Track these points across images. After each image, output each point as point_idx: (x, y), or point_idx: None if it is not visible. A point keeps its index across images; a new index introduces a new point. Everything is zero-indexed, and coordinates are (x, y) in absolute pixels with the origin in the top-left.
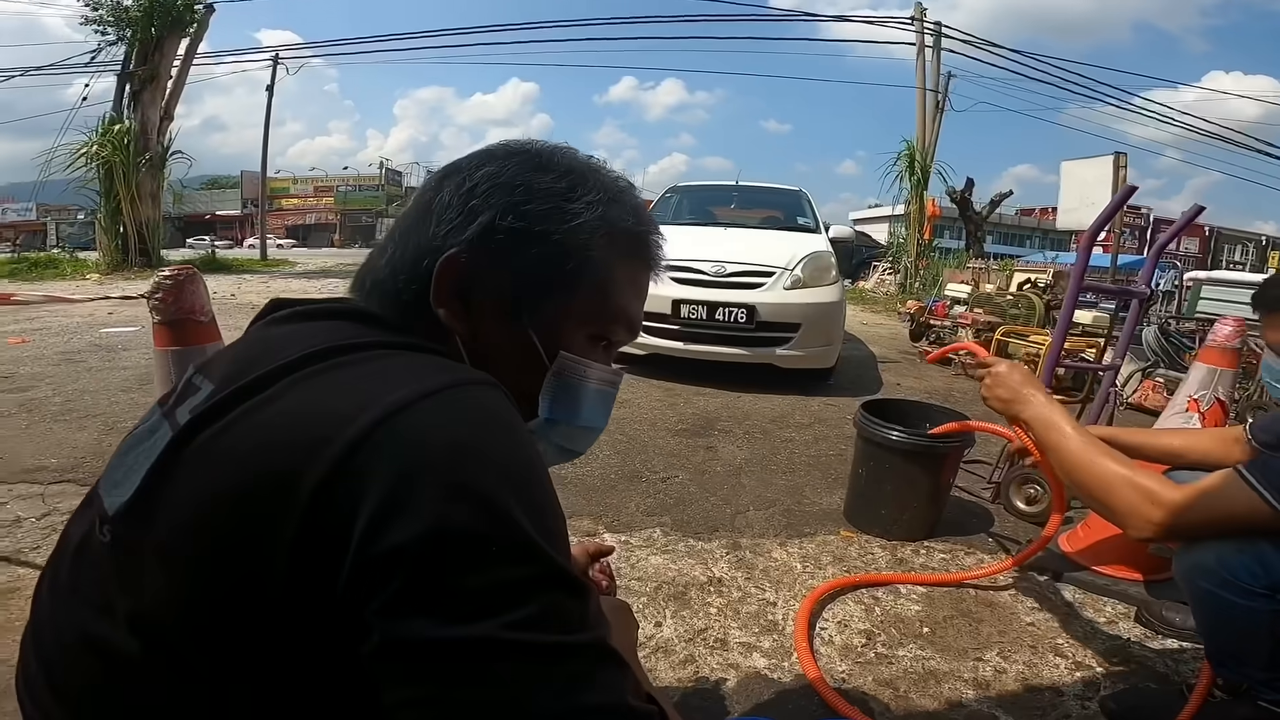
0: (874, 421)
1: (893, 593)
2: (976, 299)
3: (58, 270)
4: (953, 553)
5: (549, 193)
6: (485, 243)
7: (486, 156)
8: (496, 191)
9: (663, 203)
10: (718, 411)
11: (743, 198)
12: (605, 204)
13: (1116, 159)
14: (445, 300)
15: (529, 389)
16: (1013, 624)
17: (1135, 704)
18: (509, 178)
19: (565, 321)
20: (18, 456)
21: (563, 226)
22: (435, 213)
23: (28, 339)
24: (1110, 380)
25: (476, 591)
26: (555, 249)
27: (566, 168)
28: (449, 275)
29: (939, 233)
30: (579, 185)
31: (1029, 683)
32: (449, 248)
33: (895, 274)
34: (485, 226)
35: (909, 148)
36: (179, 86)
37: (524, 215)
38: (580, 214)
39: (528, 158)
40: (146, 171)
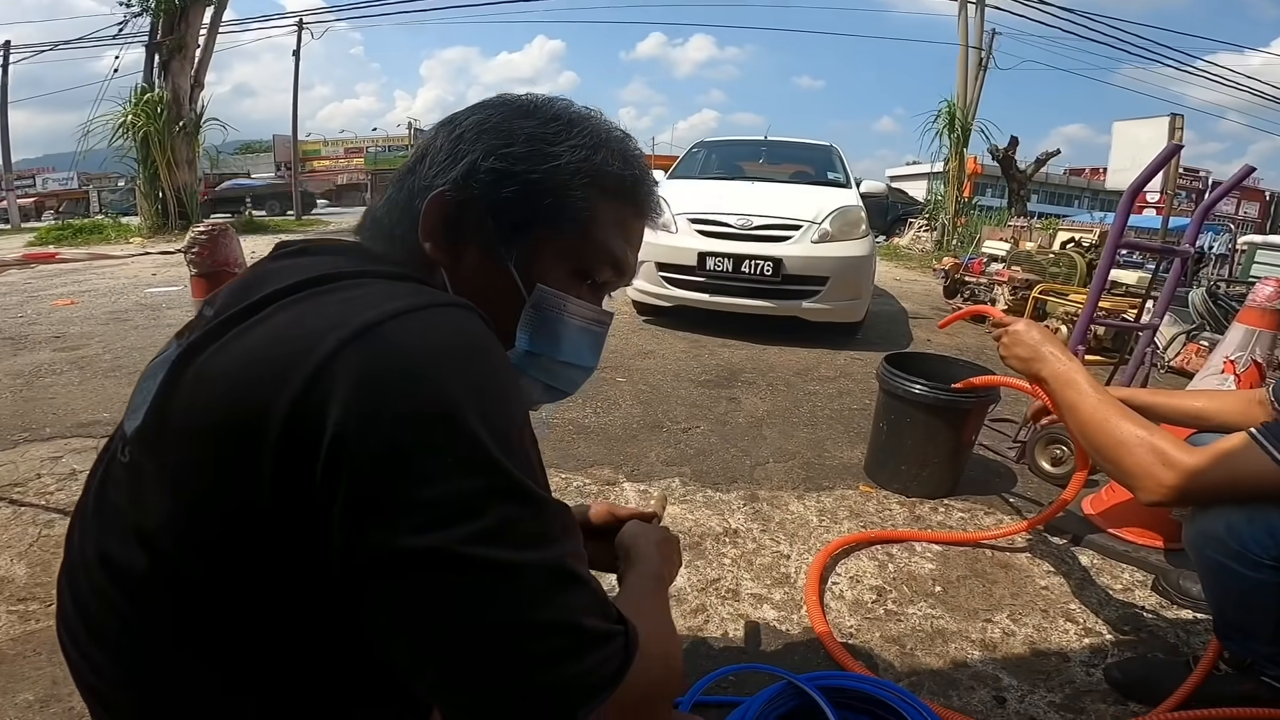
0: (896, 375)
1: (907, 550)
2: (1015, 256)
3: (102, 235)
4: (972, 512)
5: (531, 136)
6: (469, 182)
7: (479, 106)
8: (482, 136)
9: (689, 158)
10: (742, 363)
11: (771, 153)
12: (590, 149)
13: (1173, 120)
14: (431, 234)
15: (510, 322)
16: (1026, 587)
17: (1140, 674)
18: (494, 124)
19: (545, 257)
20: (72, 411)
21: (542, 167)
22: (429, 157)
23: (76, 300)
24: (1147, 340)
25: (430, 503)
26: (534, 188)
27: (553, 115)
28: (434, 212)
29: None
30: (563, 131)
31: (1036, 647)
32: (436, 187)
33: (932, 231)
34: (469, 167)
35: (949, 105)
36: (207, 54)
37: (505, 157)
38: (561, 156)
39: (516, 107)
40: (181, 138)
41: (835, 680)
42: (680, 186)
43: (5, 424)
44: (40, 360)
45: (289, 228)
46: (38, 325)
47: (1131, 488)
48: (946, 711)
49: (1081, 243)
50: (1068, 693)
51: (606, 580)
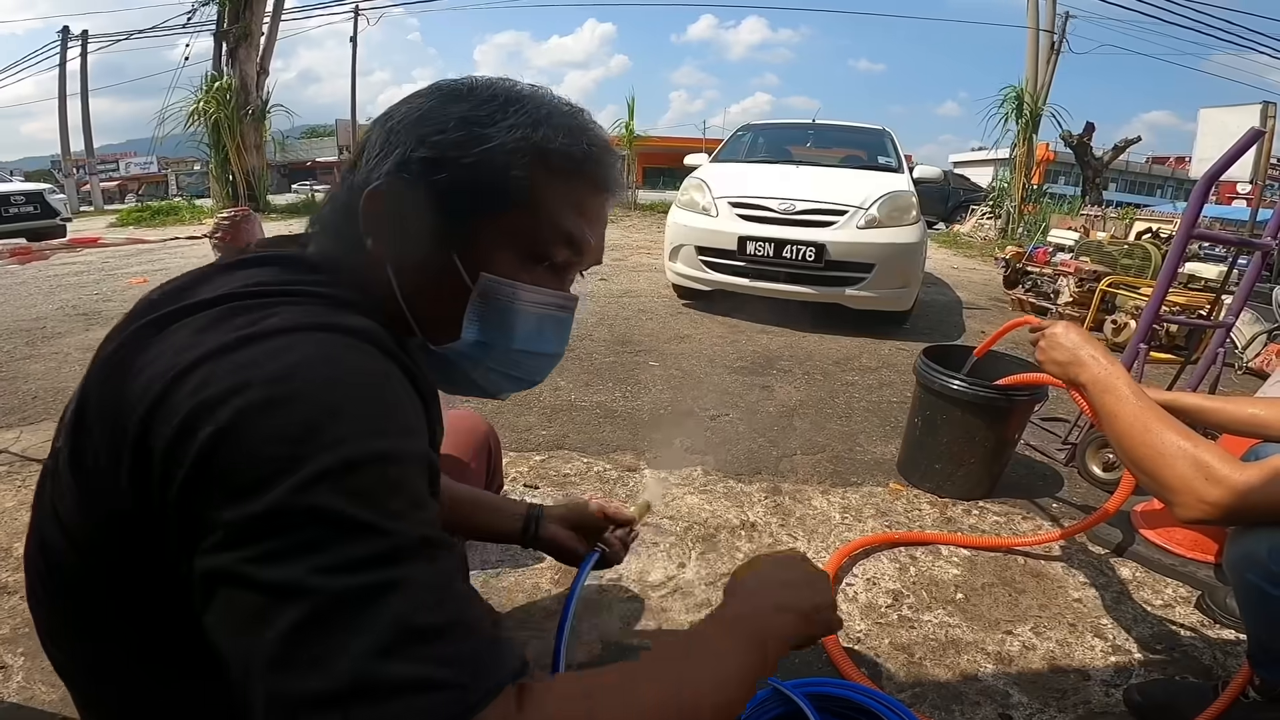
0: (934, 368)
1: (932, 553)
2: (1083, 246)
3: (178, 216)
4: (1009, 516)
5: (463, 120)
6: (401, 174)
7: (413, 95)
8: (411, 126)
9: (734, 141)
10: (780, 351)
11: (820, 136)
12: (529, 126)
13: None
14: (371, 230)
15: (450, 310)
16: (1057, 598)
17: (1162, 697)
18: (425, 111)
19: (490, 243)
20: None
21: (474, 150)
22: (366, 153)
23: (148, 279)
24: (1220, 339)
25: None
26: (467, 173)
27: (487, 96)
28: (370, 207)
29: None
30: (498, 111)
31: (1056, 663)
32: (372, 182)
33: (995, 218)
34: (401, 158)
35: (1016, 90)
36: (271, 42)
37: (434, 145)
38: (495, 136)
39: (449, 92)
40: (248, 124)
41: (825, 688)
42: (722, 170)
43: (70, 394)
44: None
45: None
46: (111, 302)
47: (1169, 503)
48: None
49: (1159, 234)
50: (1080, 714)
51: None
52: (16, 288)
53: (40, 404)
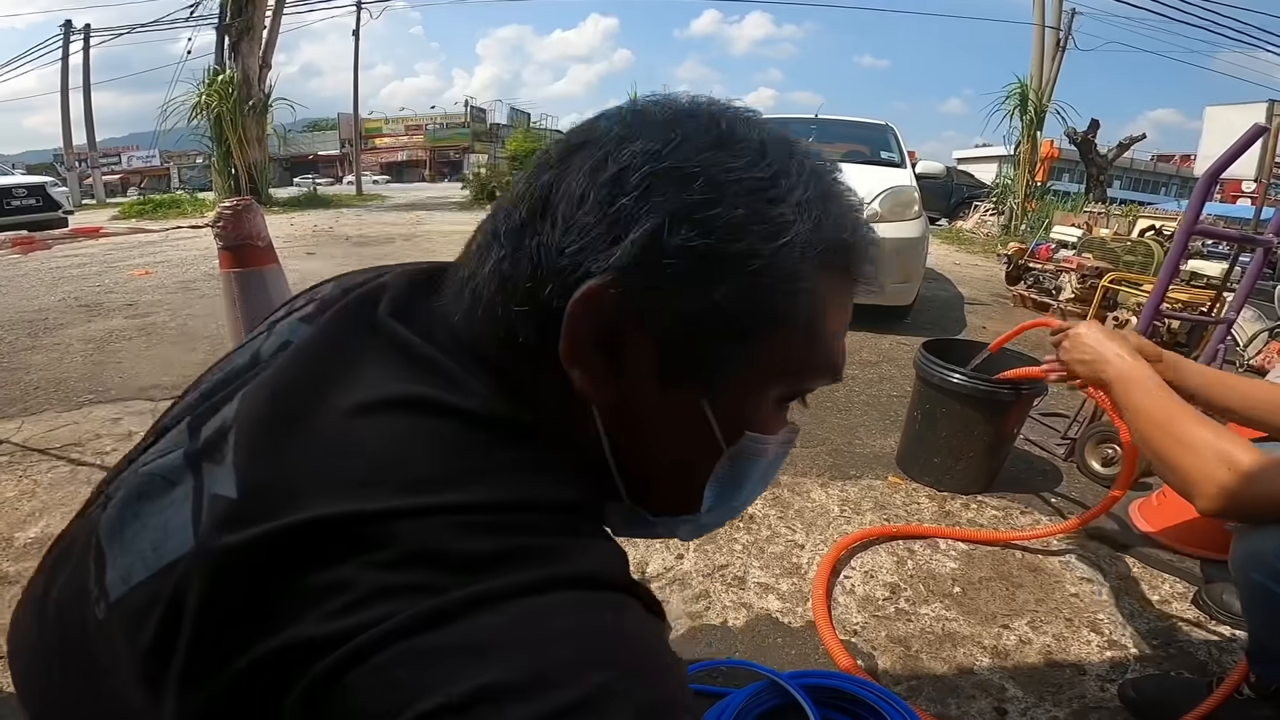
0: (933, 361)
1: (930, 547)
2: (1086, 243)
3: (180, 209)
4: (1007, 510)
5: (744, 187)
6: (646, 269)
7: (638, 121)
8: (661, 183)
9: None
10: None
11: (822, 131)
12: (819, 203)
13: (1270, 106)
14: (579, 356)
15: (686, 476)
16: (1054, 593)
17: (1156, 693)
18: (679, 159)
19: (755, 384)
20: (135, 376)
21: (770, 245)
22: (561, 208)
23: (150, 271)
24: (1221, 336)
25: None
26: (757, 281)
27: (758, 143)
28: (587, 320)
29: (1057, 175)
30: (782, 174)
31: (1052, 657)
32: (586, 274)
33: (999, 215)
34: (646, 243)
35: (1021, 86)
36: (273, 36)
37: (709, 227)
38: (790, 223)
39: (700, 125)
40: (250, 117)
41: (821, 679)
42: None
43: (74, 386)
44: (112, 326)
45: (350, 202)
46: (113, 294)
47: (1189, 495)
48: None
49: (1162, 231)
50: (1075, 708)
51: None
52: (19, 279)
53: (42, 394)
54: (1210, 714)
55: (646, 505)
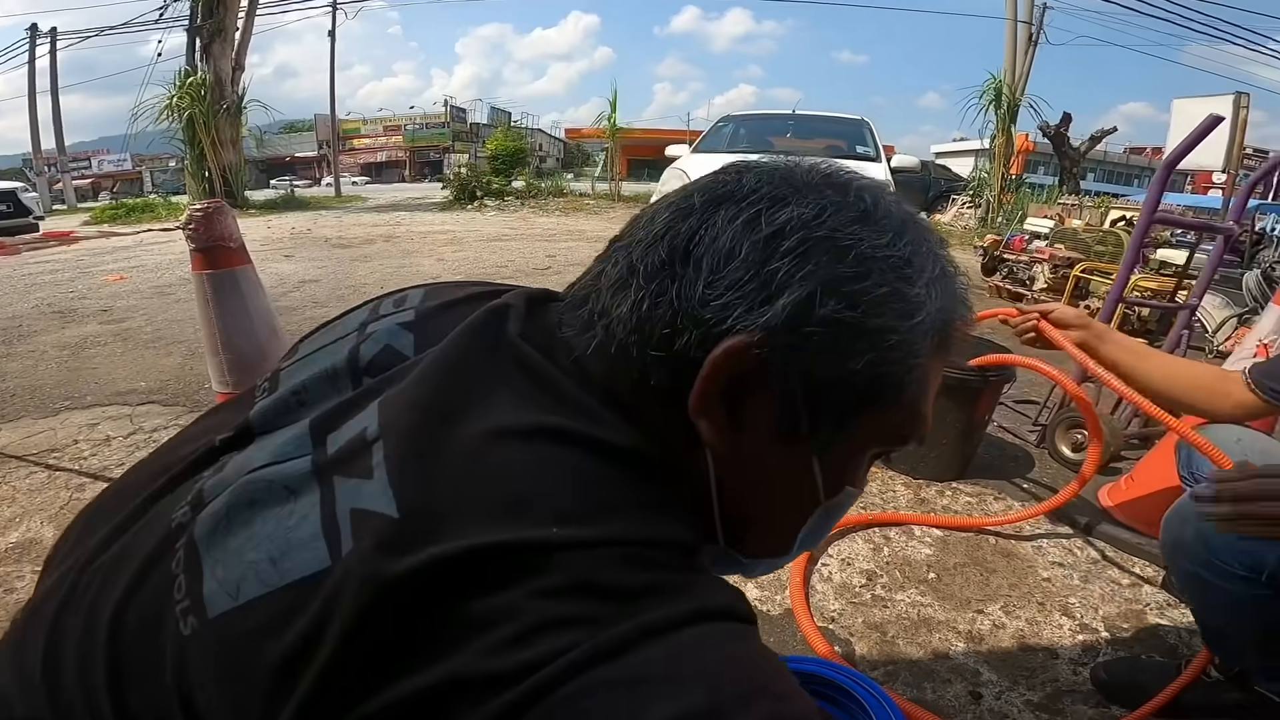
0: None
1: (906, 534)
2: (1058, 234)
3: (153, 213)
4: (981, 497)
5: (888, 264)
6: (791, 333)
7: (785, 183)
8: (815, 252)
9: (715, 132)
10: None
11: (800, 127)
12: (941, 284)
13: (1237, 99)
14: (709, 408)
15: (784, 524)
16: (1027, 577)
17: (1127, 676)
18: (831, 229)
19: (861, 447)
20: (111, 380)
21: (906, 324)
22: (706, 260)
23: (125, 276)
24: (1185, 321)
25: None
26: (889, 356)
27: (899, 221)
28: (725, 371)
29: (1032, 168)
30: (915, 253)
31: (1025, 641)
32: (730, 329)
33: (976, 208)
34: (796, 309)
35: (995, 81)
36: (246, 37)
37: (855, 300)
38: (923, 304)
39: (847, 198)
40: (224, 119)
41: (797, 665)
42: (703, 160)
43: (50, 393)
44: (87, 332)
45: (328, 204)
46: (87, 300)
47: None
48: (911, 705)
49: (1132, 222)
50: (1048, 691)
51: None
52: None
53: (18, 401)
54: (1179, 696)
55: (740, 548)
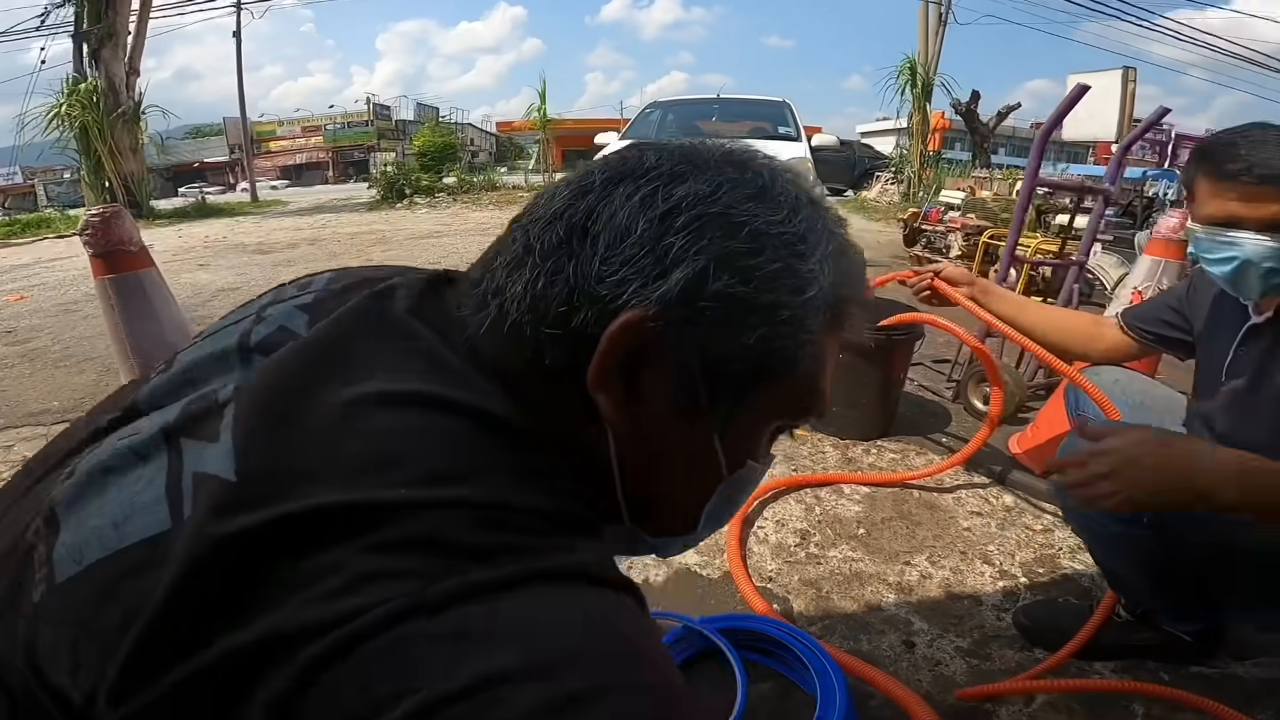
0: None
1: (835, 493)
2: (969, 204)
3: (50, 228)
4: (904, 453)
5: (781, 240)
6: (685, 307)
7: (685, 161)
8: (709, 228)
9: (643, 119)
10: None
11: (725, 110)
12: (834, 260)
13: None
14: (607, 383)
15: (687, 500)
16: (949, 528)
17: (1046, 619)
18: (726, 205)
19: (759, 421)
20: (22, 402)
21: (797, 299)
22: (603, 237)
23: (25, 295)
24: (1074, 276)
25: None
26: (781, 330)
27: (793, 198)
28: (622, 345)
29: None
30: (810, 230)
31: (951, 590)
32: (626, 304)
33: (899, 184)
34: (690, 284)
35: (910, 61)
36: (140, 40)
37: (749, 275)
38: (815, 279)
39: (744, 175)
40: (121, 126)
41: (737, 623)
42: None
43: None
44: None
45: (245, 210)
46: None
47: None
48: (848, 658)
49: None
50: (976, 638)
51: None
52: None
53: None
54: (1095, 637)
55: (646, 527)
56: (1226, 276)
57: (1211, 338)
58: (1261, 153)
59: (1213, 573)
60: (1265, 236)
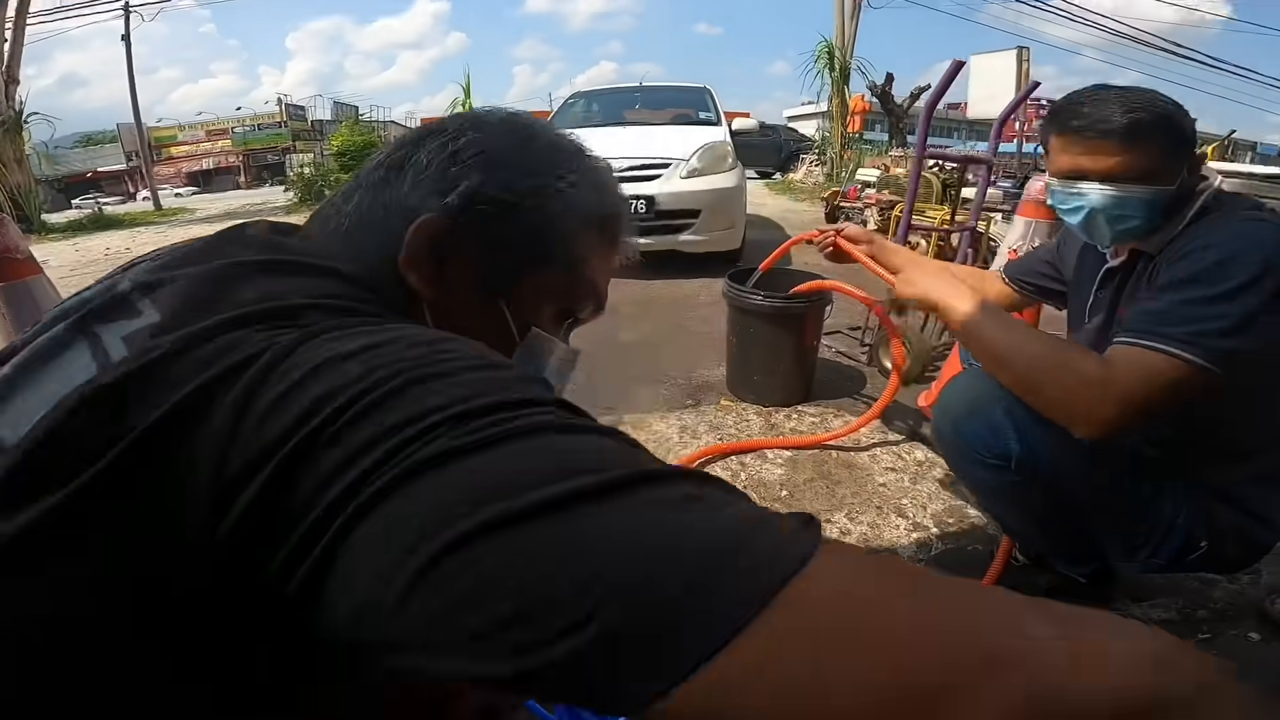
0: (737, 288)
1: (760, 458)
2: (884, 182)
3: None
4: (823, 416)
5: (535, 168)
6: (466, 209)
7: (472, 122)
8: (481, 159)
9: (566, 109)
10: (621, 301)
11: (647, 98)
12: (592, 189)
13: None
14: (416, 264)
15: None
16: (866, 485)
17: (956, 567)
18: (494, 147)
19: (536, 297)
20: None
21: (547, 203)
22: (410, 172)
23: None
24: (967, 241)
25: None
26: (536, 223)
27: (553, 144)
28: (425, 237)
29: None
30: (564, 164)
31: (869, 543)
32: (426, 210)
33: (822, 165)
34: (469, 193)
35: (827, 45)
36: (17, 47)
37: (509, 188)
38: (564, 191)
39: (511, 129)
40: (3, 137)
41: None
42: None
43: None
44: None
45: (148, 219)
46: None
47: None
48: None
49: (940, 165)
50: None
51: None
52: None
53: None
54: (996, 582)
55: None
56: (1079, 225)
57: (1078, 284)
58: (1101, 109)
59: (1089, 516)
60: (1108, 186)
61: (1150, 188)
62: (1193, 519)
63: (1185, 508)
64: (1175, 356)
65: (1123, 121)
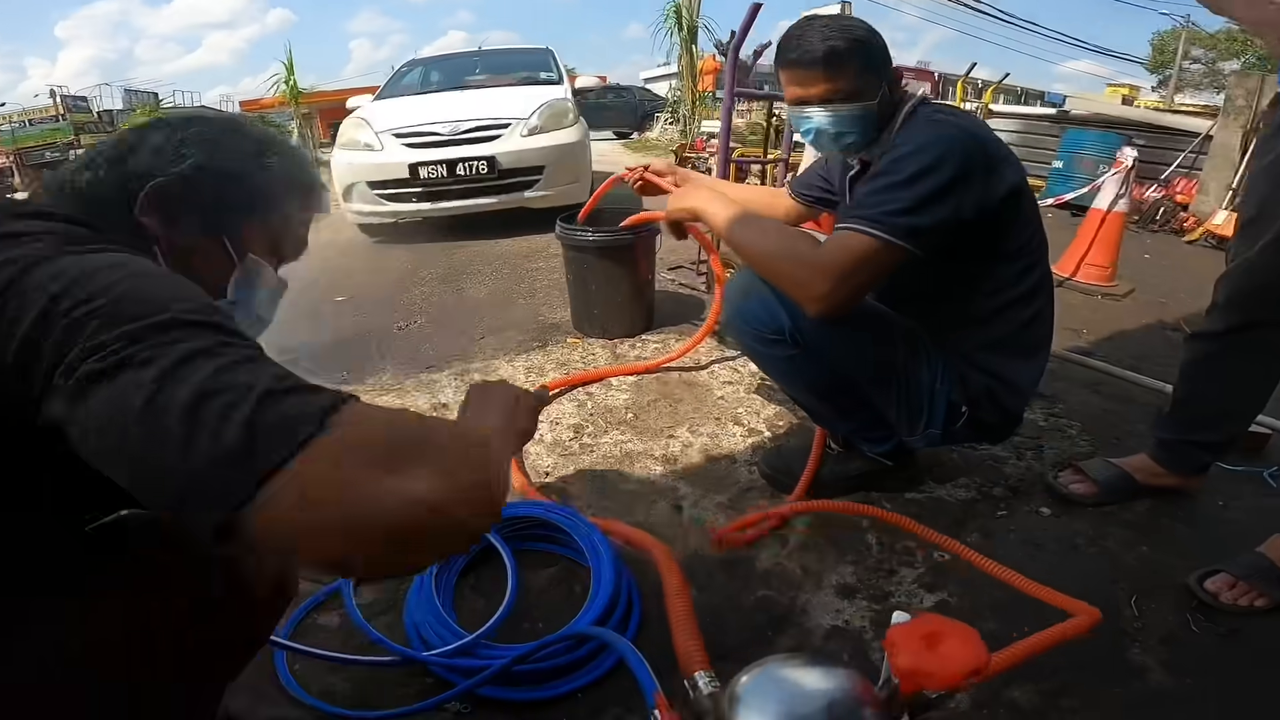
0: (568, 228)
1: (605, 387)
2: None
3: None
4: (665, 343)
5: (245, 152)
6: (192, 176)
7: (198, 119)
8: (204, 143)
9: (398, 77)
10: (469, 260)
11: (487, 62)
12: (283, 162)
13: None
14: (150, 213)
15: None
16: (706, 400)
17: (780, 464)
18: (213, 135)
19: (250, 237)
20: None
21: (253, 173)
22: (146, 150)
23: None
24: (783, 173)
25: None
26: (245, 186)
27: (260, 136)
28: (159, 195)
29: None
30: (267, 148)
31: (710, 453)
32: (161, 176)
33: (675, 123)
34: (194, 166)
35: (676, 6)
36: None
37: (223, 163)
38: (265, 167)
39: (226, 125)
40: None
41: (513, 509)
42: (385, 106)
43: None
44: None
45: None
46: None
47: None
48: (624, 527)
49: (773, 112)
50: (733, 493)
51: None
52: None
53: None
54: (819, 473)
55: None
56: (812, 144)
57: (840, 192)
58: (805, 42)
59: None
60: (821, 109)
61: (856, 104)
62: (950, 385)
63: (940, 373)
64: (866, 234)
65: (821, 49)
